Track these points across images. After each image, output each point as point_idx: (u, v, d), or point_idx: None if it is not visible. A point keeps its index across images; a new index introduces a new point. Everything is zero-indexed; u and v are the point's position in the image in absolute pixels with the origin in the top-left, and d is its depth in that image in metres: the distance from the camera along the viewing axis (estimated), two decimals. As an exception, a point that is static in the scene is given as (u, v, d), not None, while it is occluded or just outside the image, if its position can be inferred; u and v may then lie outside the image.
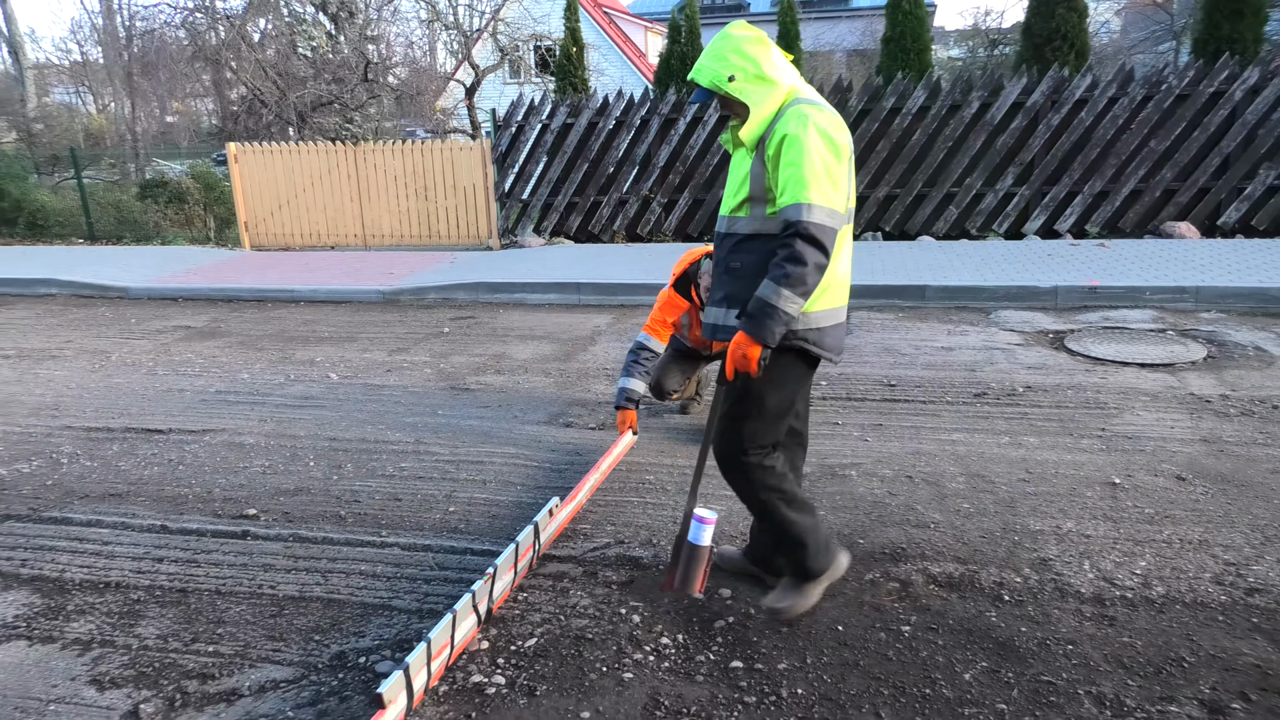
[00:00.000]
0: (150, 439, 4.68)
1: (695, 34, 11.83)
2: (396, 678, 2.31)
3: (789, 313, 2.37)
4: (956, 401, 4.81)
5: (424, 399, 5.23)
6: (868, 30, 24.90)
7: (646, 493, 3.78)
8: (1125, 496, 3.59)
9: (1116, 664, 2.53)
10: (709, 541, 2.64)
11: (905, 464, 3.98)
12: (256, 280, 9.14)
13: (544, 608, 2.91)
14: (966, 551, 3.19)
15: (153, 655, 2.73)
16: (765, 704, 2.41)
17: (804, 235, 2.33)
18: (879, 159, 9.87)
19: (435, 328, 7.17)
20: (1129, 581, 2.96)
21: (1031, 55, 10.87)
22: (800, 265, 2.33)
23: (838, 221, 2.38)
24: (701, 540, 2.63)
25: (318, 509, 3.74)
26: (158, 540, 3.50)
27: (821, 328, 2.55)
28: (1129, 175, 9.41)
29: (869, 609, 2.85)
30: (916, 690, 2.44)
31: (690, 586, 2.67)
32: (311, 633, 2.82)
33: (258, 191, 11.31)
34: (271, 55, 17.18)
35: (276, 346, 6.66)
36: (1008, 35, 24.14)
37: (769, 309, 2.37)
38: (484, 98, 18.05)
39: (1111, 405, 4.69)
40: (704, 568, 2.67)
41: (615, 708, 2.41)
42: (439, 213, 10.96)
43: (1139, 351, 5.68)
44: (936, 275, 7.74)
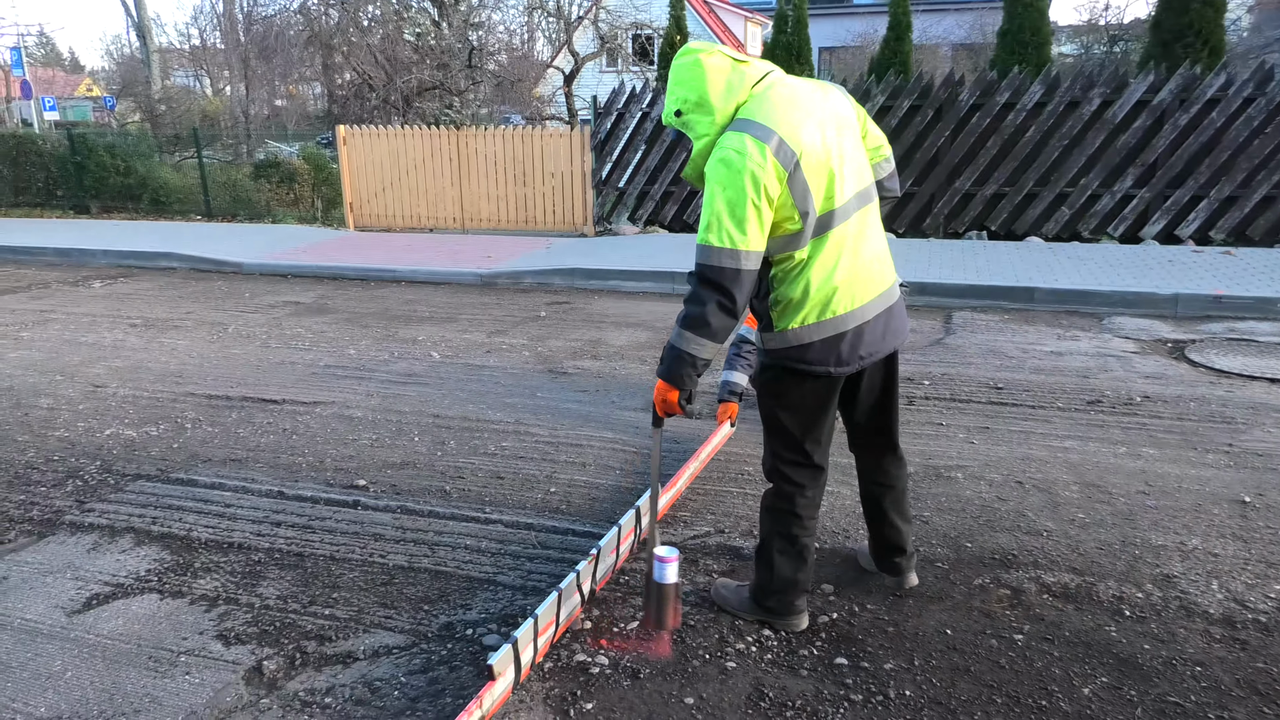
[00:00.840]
0: (266, 408, 4.89)
1: (803, 24, 11.65)
2: (505, 651, 2.36)
3: (693, 354, 2.32)
4: (1068, 408, 4.62)
5: (523, 381, 5.32)
6: (976, 24, 24.07)
7: (746, 483, 3.76)
8: (1257, 516, 3.39)
9: (1250, 690, 2.40)
10: (674, 579, 2.60)
11: (1015, 469, 3.84)
12: (361, 259, 9.46)
13: (645, 592, 2.92)
14: (1083, 562, 3.06)
15: (274, 614, 2.86)
16: (872, 703, 2.37)
17: (701, 278, 2.28)
18: (988, 156, 9.53)
19: (532, 312, 7.28)
20: (1263, 605, 2.79)
21: (1160, 52, 10.30)
22: (699, 306, 2.28)
23: (747, 262, 2.24)
24: (666, 578, 2.60)
25: (424, 483, 3.85)
26: (275, 505, 3.66)
27: (807, 343, 2.40)
28: (1262, 180, 8.84)
29: (979, 614, 2.77)
30: (1032, 701, 2.36)
31: (664, 623, 2.66)
32: (421, 602, 2.91)
33: (363, 173, 11.69)
34: (379, 40, 17.73)
35: (380, 324, 6.88)
36: (1128, 31, 22.95)
37: (674, 351, 2.35)
38: (582, 86, 18.22)
39: (1239, 420, 4.42)
40: (673, 603, 2.64)
41: (719, 695, 2.41)
42: (535, 198, 11.12)
43: (1269, 366, 5.35)
44: (1045, 277, 7.44)
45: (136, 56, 28.24)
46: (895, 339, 2.56)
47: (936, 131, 9.64)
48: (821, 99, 2.39)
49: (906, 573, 2.90)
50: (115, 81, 28.49)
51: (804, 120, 2.29)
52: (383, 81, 16.81)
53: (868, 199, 2.46)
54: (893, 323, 2.53)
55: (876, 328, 2.47)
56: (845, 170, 2.36)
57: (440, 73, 16.58)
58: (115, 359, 5.94)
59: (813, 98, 2.37)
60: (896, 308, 2.56)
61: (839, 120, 2.38)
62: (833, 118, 2.36)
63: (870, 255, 2.47)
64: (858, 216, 2.42)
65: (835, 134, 2.35)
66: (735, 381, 4.24)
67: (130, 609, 2.91)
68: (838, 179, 2.34)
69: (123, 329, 6.82)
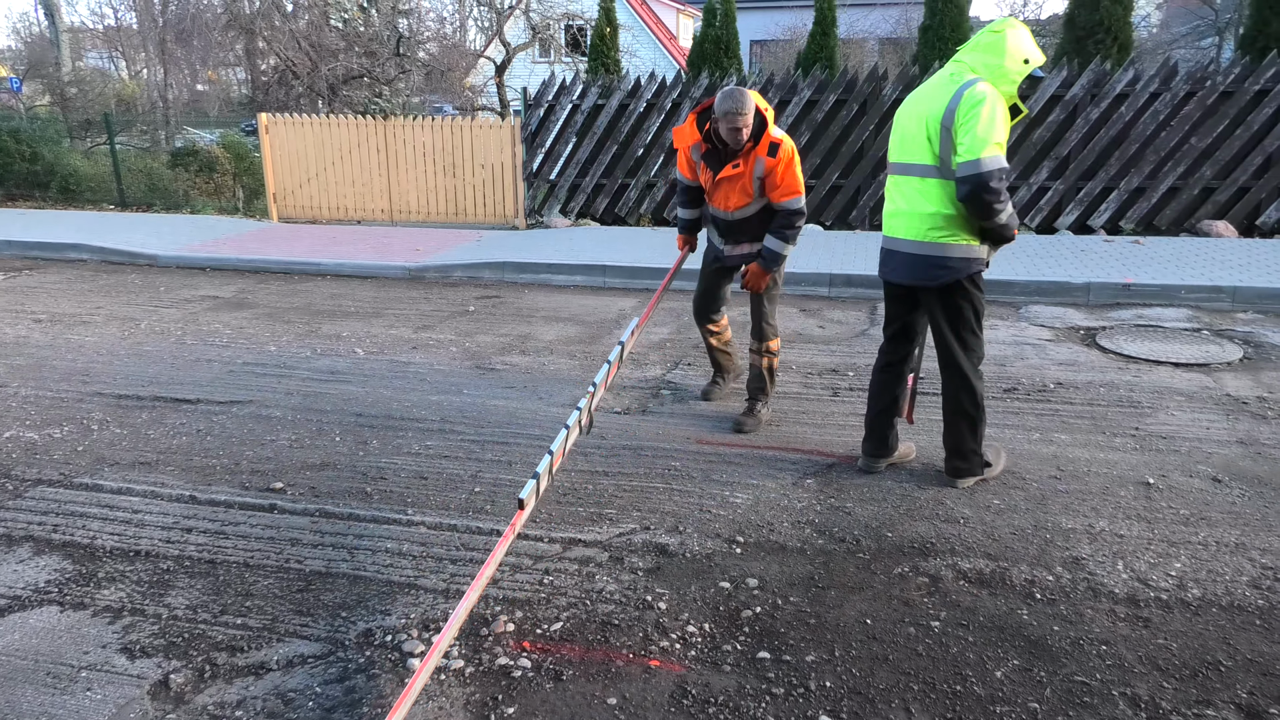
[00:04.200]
0: (179, 408, 4.71)
1: (730, 18, 11.68)
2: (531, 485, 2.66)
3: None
4: (987, 396, 4.74)
5: (449, 377, 5.23)
6: (902, 18, 24.51)
7: (673, 479, 3.76)
8: (1160, 497, 3.53)
9: (1152, 666, 2.50)
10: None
11: (934, 458, 3.93)
12: (284, 252, 9.17)
13: (570, 591, 2.91)
14: (997, 548, 3.15)
15: (182, 625, 2.75)
16: (794, 696, 2.39)
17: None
18: (912, 148, 9.72)
19: (461, 306, 7.17)
20: (1164, 583, 2.91)
21: (1073, 48, 10.63)
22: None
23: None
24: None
25: (344, 484, 3.75)
26: (186, 510, 3.53)
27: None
28: (1167, 172, 9.22)
29: (898, 603, 2.82)
30: (947, 687, 2.42)
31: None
32: (338, 609, 2.83)
33: (287, 163, 11.33)
34: (304, 26, 17.19)
35: (303, 320, 6.69)
36: (1046, 26, 23.68)
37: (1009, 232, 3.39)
38: (513, 76, 17.98)
39: (1145, 404, 4.61)
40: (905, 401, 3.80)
41: (642, 694, 2.41)
42: (466, 190, 10.94)
43: (1173, 351, 5.58)
44: (967, 268, 7.63)
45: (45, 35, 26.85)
46: (909, 276, 3.52)
47: (861, 126, 9.80)
48: (931, 91, 3.36)
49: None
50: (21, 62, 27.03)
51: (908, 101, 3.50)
52: (307, 69, 16.31)
53: (906, 171, 3.46)
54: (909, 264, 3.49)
55: (894, 259, 3.56)
56: (900, 143, 3.49)
57: (368, 60, 16.16)
58: (17, 356, 5.64)
59: (927, 88, 3.40)
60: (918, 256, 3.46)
61: (925, 110, 3.33)
62: (924, 103, 3.35)
63: (893, 210, 3.56)
64: (895, 179, 3.54)
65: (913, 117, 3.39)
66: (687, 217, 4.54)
67: (28, 622, 2.77)
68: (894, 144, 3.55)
69: (26, 324, 6.49)
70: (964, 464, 3.65)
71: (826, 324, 6.43)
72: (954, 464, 3.67)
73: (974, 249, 3.40)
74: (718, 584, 2.94)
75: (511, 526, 2.62)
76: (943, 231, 3.38)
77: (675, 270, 4.57)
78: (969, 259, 3.40)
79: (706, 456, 3.99)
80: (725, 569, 3.03)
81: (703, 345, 4.97)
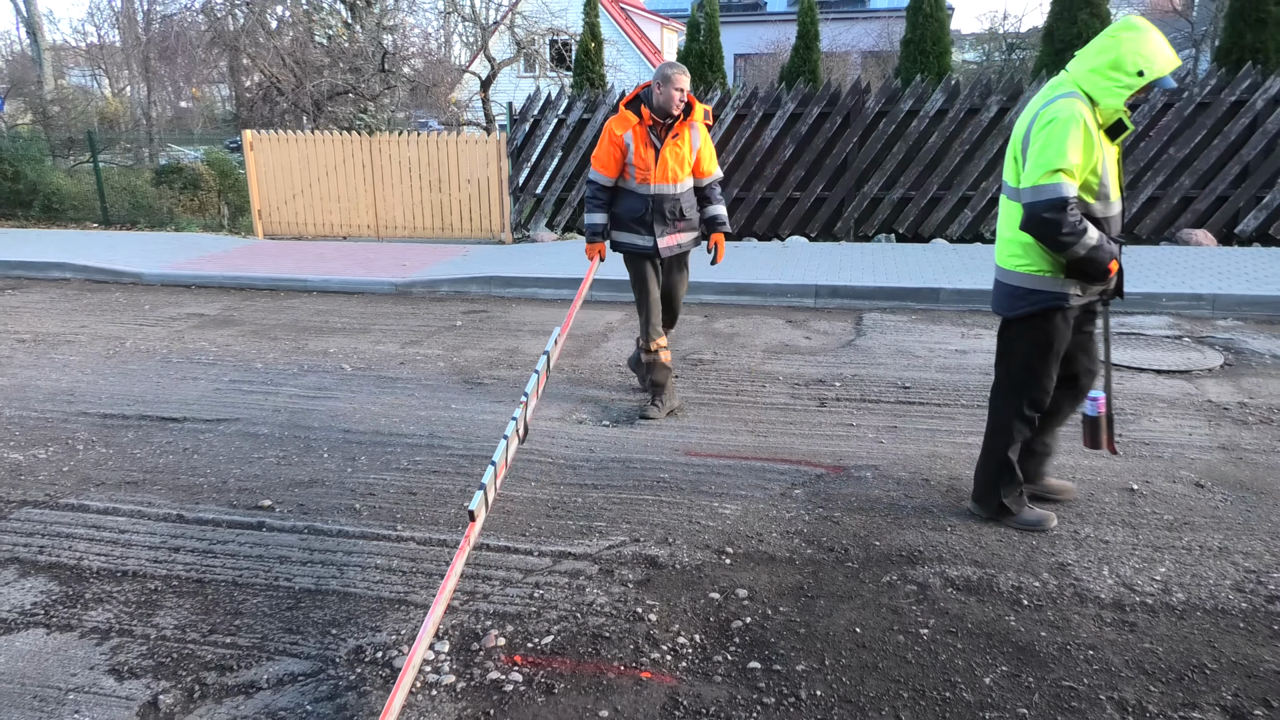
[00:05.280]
0: (165, 427, 4.69)
1: (714, 31, 11.79)
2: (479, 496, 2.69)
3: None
4: (971, 405, 4.79)
5: (437, 392, 5.23)
6: (884, 32, 24.77)
7: (662, 491, 3.78)
8: (1144, 503, 3.57)
9: (1138, 670, 2.52)
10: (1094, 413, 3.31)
11: (921, 466, 3.96)
12: (270, 269, 9.15)
13: (560, 605, 2.91)
14: (984, 555, 3.18)
15: (171, 645, 2.74)
16: (785, 705, 2.40)
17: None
18: (894, 161, 9.83)
19: (448, 321, 7.17)
20: (1149, 588, 2.94)
21: (1052, 60, 10.80)
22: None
23: None
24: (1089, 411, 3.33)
25: (333, 501, 3.75)
26: (174, 530, 3.51)
27: None
28: (1147, 182, 9.35)
29: (887, 611, 2.84)
30: (936, 693, 2.43)
31: (1097, 445, 3.34)
32: (329, 626, 2.82)
33: (272, 179, 11.32)
34: (288, 43, 17.20)
35: (290, 336, 6.67)
36: (1025, 40, 23.99)
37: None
38: (499, 91, 18.04)
39: (1128, 411, 4.66)
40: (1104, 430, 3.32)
41: (634, 707, 2.41)
42: (452, 205, 10.96)
43: (1155, 358, 5.65)
44: (951, 278, 7.71)
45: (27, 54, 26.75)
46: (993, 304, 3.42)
47: (845, 138, 9.89)
48: (1030, 104, 3.13)
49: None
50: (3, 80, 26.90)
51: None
52: (292, 85, 16.32)
53: (1004, 190, 3.25)
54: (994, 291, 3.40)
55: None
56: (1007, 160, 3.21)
57: (353, 76, 16.19)
58: (0, 377, 5.60)
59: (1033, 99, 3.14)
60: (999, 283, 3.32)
61: (1019, 125, 3.12)
62: (1023, 117, 3.12)
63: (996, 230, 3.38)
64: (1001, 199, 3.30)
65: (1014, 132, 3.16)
66: (597, 222, 4.66)
67: (14, 645, 2.75)
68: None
69: (9, 344, 6.44)
70: (979, 504, 3.46)
71: (813, 335, 6.47)
72: (975, 495, 3.49)
73: (1054, 281, 3.10)
74: (708, 595, 2.95)
75: (466, 538, 2.67)
76: (1021, 259, 3.15)
77: (589, 279, 4.68)
78: (1045, 291, 3.12)
79: (695, 468, 4.01)
80: (715, 580, 3.04)
81: (689, 358, 5.01)
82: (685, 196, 4.59)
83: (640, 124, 4.43)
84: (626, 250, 4.70)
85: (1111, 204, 3.09)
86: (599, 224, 4.66)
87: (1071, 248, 2.95)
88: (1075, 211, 2.93)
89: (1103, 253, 2.98)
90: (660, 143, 4.43)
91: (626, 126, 4.44)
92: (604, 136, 4.51)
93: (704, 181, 4.64)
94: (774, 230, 10.39)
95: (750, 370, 5.56)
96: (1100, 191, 3.04)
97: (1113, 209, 3.10)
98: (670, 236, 4.61)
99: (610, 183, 4.58)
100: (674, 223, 4.58)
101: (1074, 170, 2.93)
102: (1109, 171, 3.03)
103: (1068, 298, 3.11)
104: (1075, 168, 2.92)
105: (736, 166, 10.24)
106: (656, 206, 4.53)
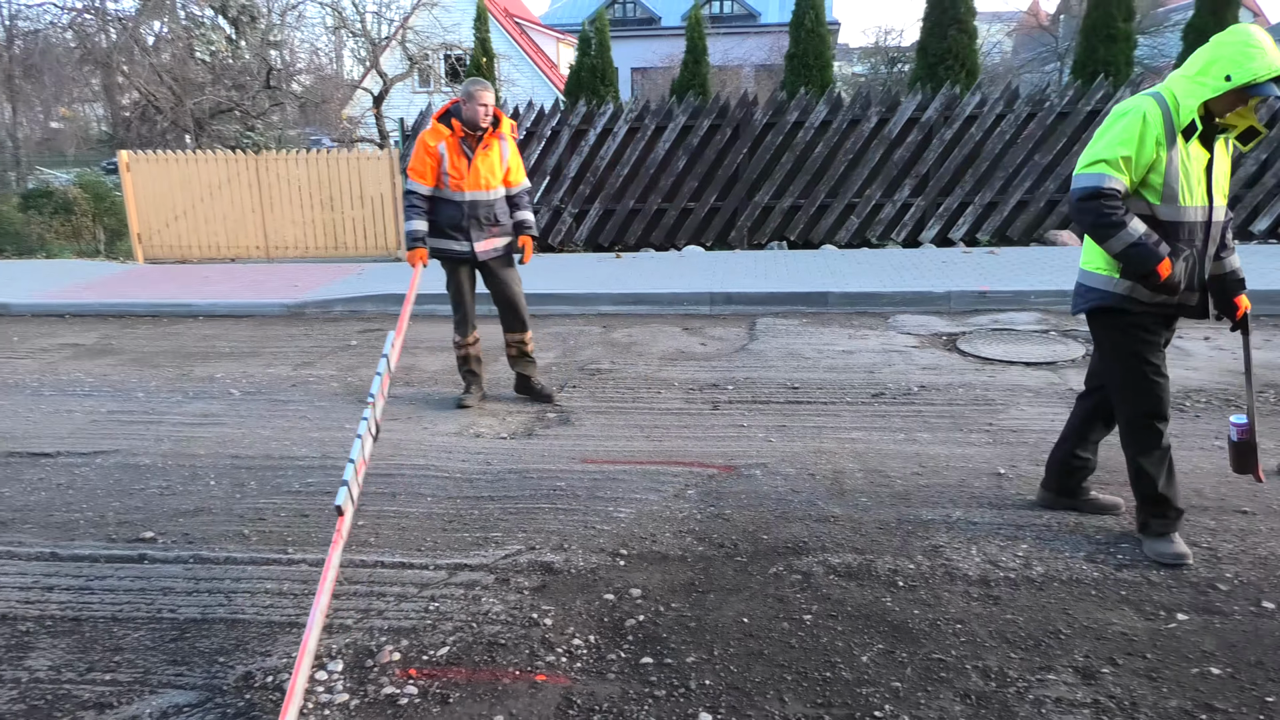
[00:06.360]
0: (37, 463, 4.46)
1: (605, 47, 11.96)
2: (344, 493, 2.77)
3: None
4: (856, 402, 5.02)
5: (331, 413, 5.15)
6: (775, 46, 25.52)
7: (558, 499, 3.83)
8: (1010, 485, 3.83)
9: (1001, 639, 2.71)
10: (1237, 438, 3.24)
11: (808, 462, 4.13)
12: (151, 295, 8.79)
13: (456, 616, 2.92)
14: (864, 542, 3.35)
15: (45, 688, 2.62)
16: (675, 696, 2.49)
17: None
18: (783, 171, 10.17)
19: (342, 341, 7.04)
20: (1012, 563, 3.16)
21: (926, 73, 11.39)
22: None
23: None
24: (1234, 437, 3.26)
25: (220, 528, 3.65)
26: (47, 568, 3.35)
27: None
28: (1016, 187, 9.96)
29: (773, 601, 2.96)
30: (818, 674, 2.56)
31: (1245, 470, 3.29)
32: (215, 655, 2.76)
33: (152, 202, 10.87)
34: (167, 59, 16.53)
35: (173, 363, 6.43)
36: (906, 53, 25.14)
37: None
38: (392, 106, 17.78)
39: (999, 401, 4.97)
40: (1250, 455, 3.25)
41: (529, 710, 2.45)
42: (345, 224, 10.76)
43: (1024, 351, 6.03)
44: (838, 282, 8.03)
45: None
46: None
47: (735, 149, 10.19)
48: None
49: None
50: None
51: None
52: (171, 103, 15.70)
53: None
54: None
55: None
56: None
57: (237, 93, 15.69)
58: None
59: None
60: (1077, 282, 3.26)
61: None
62: None
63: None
64: None
65: None
66: (417, 228, 4.86)
67: None
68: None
69: None
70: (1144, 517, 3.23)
71: (708, 341, 6.64)
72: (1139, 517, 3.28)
73: (1109, 280, 3.07)
74: (602, 596, 3.01)
75: (338, 532, 2.77)
76: (1087, 257, 3.15)
77: (416, 284, 4.77)
78: (1099, 290, 3.11)
79: (591, 475, 4.07)
80: (610, 581, 3.11)
81: (586, 368, 5.09)
82: (498, 203, 4.93)
83: (453, 135, 4.75)
84: (444, 256, 5.00)
85: (1182, 209, 2.96)
86: (419, 231, 4.90)
87: (1108, 240, 2.94)
88: (1116, 204, 2.91)
89: (1144, 251, 2.90)
90: (472, 153, 4.77)
91: (440, 138, 4.76)
92: (418, 148, 4.79)
93: (514, 190, 5.00)
94: (670, 240, 10.59)
95: (647, 378, 5.67)
96: (1166, 193, 2.95)
97: (1184, 214, 2.97)
98: (486, 240, 4.94)
99: (429, 191, 4.85)
100: (489, 227, 4.92)
101: (1118, 163, 2.90)
102: (1180, 174, 2.93)
103: (1121, 298, 3.06)
104: (1121, 160, 2.90)
105: (632, 179, 10.41)
106: (472, 212, 4.84)
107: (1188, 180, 2.94)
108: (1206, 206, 2.98)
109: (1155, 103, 2.91)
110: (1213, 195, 2.99)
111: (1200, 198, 2.97)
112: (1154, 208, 2.98)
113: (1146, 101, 2.92)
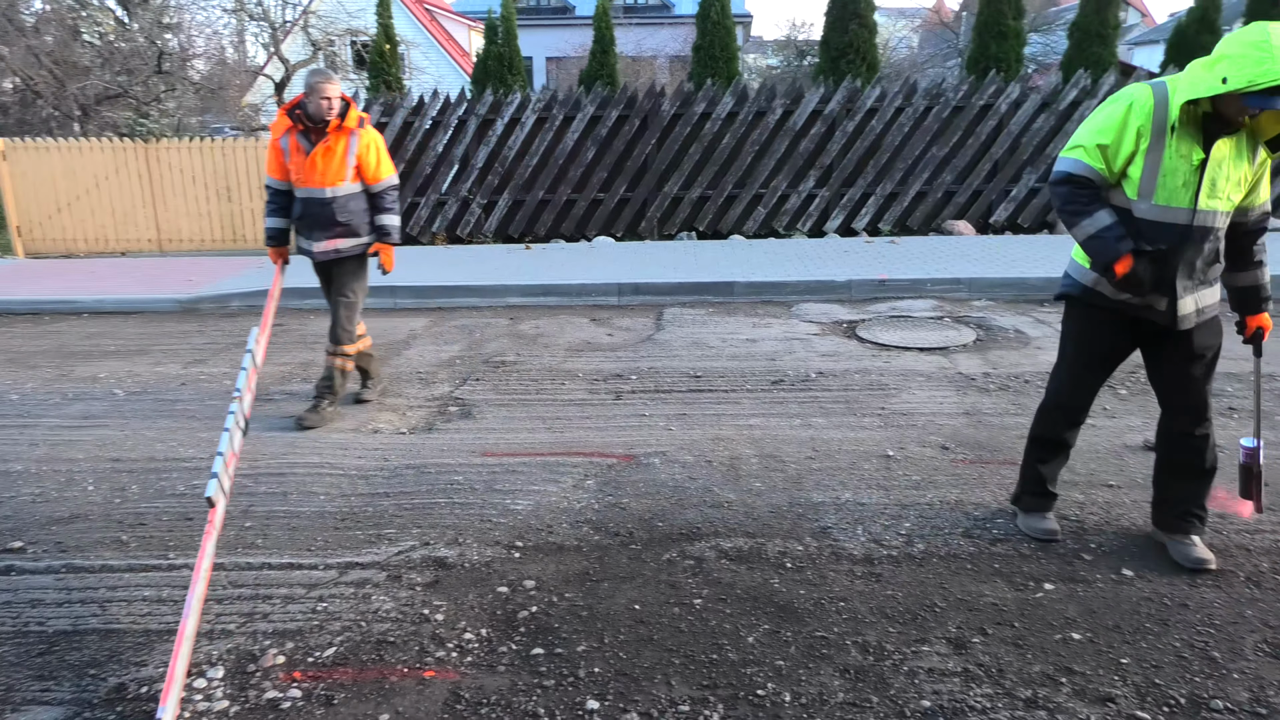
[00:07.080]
0: (-105, 471, 4.18)
1: (512, 35, 11.83)
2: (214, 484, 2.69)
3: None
4: (755, 389, 5.12)
5: (222, 412, 4.95)
6: (688, 37, 25.58)
7: (455, 493, 3.79)
8: (897, 467, 3.97)
9: (880, 615, 2.82)
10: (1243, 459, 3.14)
11: (706, 450, 4.20)
12: (30, 291, 8.31)
13: (344, 616, 2.87)
14: (756, 526, 3.42)
15: (-108, 707, 2.47)
16: (564, 685, 2.50)
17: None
18: (691, 162, 10.26)
19: (238, 337, 6.80)
20: (895, 542, 3.28)
21: (829, 67, 11.64)
22: None
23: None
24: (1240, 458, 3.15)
25: (96, 536, 3.49)
26: (-98, 582, 3.15)
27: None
28: (915, 178, 10.28)
29: (665, 587, 3.01)
30: (705, 657, 2.61)
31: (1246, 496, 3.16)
32: (86, 667, 2.65)
33: (32, 192, 10.28)
34: (50, 41, 15.60)
35: (53, 363, 6.10)
36: (815, 47, 25.59)
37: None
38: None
39: (892, 386, 5.14)
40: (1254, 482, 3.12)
41: (415, 707, 2.43)
42: (244, 215, 10.38)
43: (919, 337, 6.25)
44: (744, 271, 8.17)
45: None
46: None
47: (644, 140, 10.22)
48: None
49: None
50: None
51: None
52: (53, 88, 14.83)
53: None
54: None
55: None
56: None
57: (127, 78, 14.92)
58: None
59: None
60: None
61: None
62: None
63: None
64: None
65: None
66: (276, 225, 4.75)
67: None
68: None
69: None
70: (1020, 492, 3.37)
71: (615, 331, 6.67)
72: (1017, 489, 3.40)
73: (1080, 269, 3.04)
74: (496, 589, 3.01)
75: (210, 523, 2.74)
76: (1076, 244, 3.03)
77: (278, 282, 4.67)
78: (1070, 277, 3.08)
79: (490, 468, 4.05)
80: (504, 574, 3.11)
81: (491, 360, 5.04)
82: (340, 201, 4.58)
83: (294, 129, 4.53)
84: (303, 254, 4.83)
85: (1158, 208, 2.78)
86: (274, 227, 4.77)
87: (1072, 227, 2.88)
88: (1084, 191, 2.84)
89: (1102, 244, 2.80)
90: (311, 147, 4.52)
91: (281, 131, 4.57)
92: (270, 141, 4.64)
93: (374, 188, 4.67)
94: (580, 231, 10.57)
95: (551, 369, 5.66)
96: (1142, 189, 2.79)
97: (1161, 214, 2.78)
98: (327, 241, 4.65)
99: (282, 186, 4.69)
100: (330, 227, 4.62)
101: (1095, 150, 2.81)
102: (1159, 172, 2.75)
103: (1086, 289, 3.01)
104: (1098, 148, 2.81)
105: (541, 169, 10.34)
106: (308, 209, 4.63)
107: (1169, 179, 2.74)
108: (1190, 209, 2.75)
109: (1150, 92, 2.75)
110: (1199, 198, 2.73)
111: (1184, 199, 2.74)
112: (1130, 203, 2.83)
113: (1141, 90, 2.77)
